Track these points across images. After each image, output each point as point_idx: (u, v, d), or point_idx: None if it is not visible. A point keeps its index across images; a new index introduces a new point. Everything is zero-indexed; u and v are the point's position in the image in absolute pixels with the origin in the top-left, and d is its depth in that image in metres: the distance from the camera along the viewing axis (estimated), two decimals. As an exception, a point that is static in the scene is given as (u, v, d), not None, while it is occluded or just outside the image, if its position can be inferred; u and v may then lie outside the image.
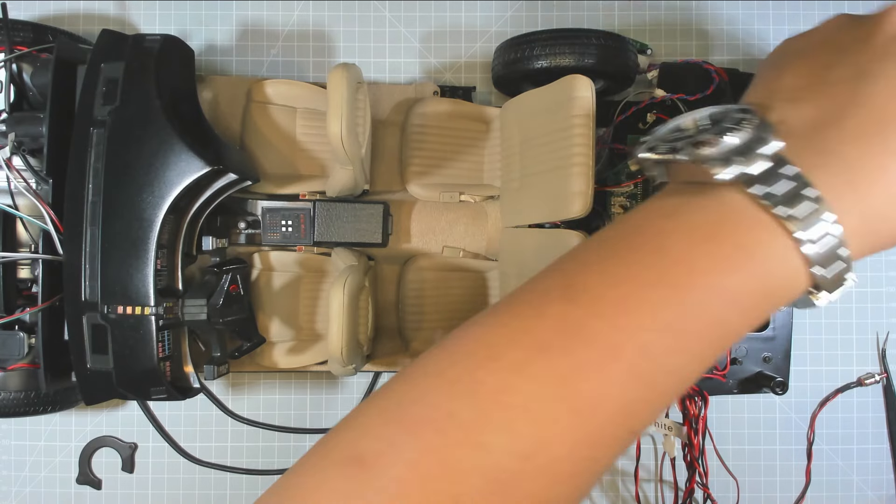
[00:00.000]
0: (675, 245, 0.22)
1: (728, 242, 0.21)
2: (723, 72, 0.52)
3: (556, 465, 0.20)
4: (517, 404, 0.20)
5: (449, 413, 0.20)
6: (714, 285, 0.21)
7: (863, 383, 0.57)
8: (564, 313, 0.21)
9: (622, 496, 0.57)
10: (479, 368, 0.21)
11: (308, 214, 0.51)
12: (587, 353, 0.20)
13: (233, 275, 0.47)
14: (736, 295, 0.21)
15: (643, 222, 0.23)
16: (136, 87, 0.44)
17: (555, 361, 0.21)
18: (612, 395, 0.20)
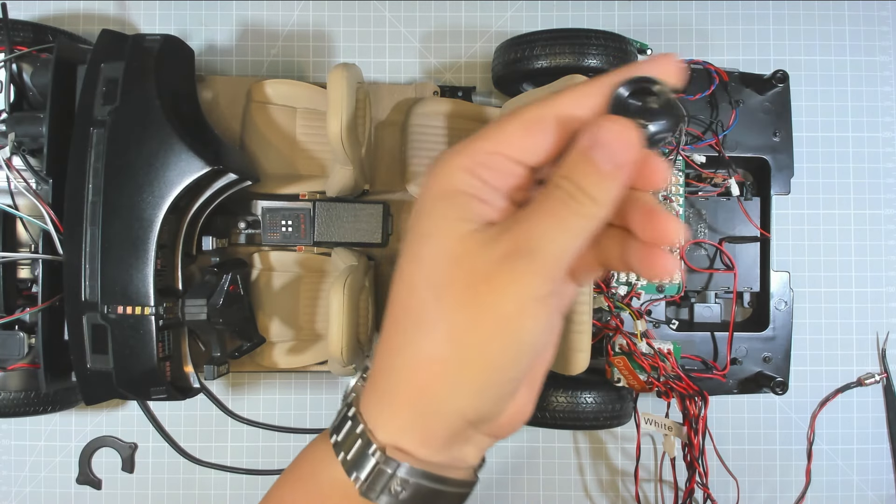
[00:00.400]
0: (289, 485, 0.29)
1: (309, 479, 0.28)
2: (723, 72, 0.52)
3: None
4: None
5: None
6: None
7: (863, 383, 0.57)
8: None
9: (622, 496, 0.57)
10: None
11: (308, 214, 0.51)
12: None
13: (233, 275, 0.47)
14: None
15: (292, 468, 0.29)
16: (136, 87, 0.44)
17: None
18: None
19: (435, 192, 0.25)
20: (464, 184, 0.24)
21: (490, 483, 0.57)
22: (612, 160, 0.23)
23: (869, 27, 0.58)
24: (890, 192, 0.58)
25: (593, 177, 0.23)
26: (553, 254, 0.23)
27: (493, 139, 0.24)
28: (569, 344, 0.42)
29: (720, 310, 0.54)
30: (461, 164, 0.24)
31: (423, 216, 0.25)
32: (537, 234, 0.23)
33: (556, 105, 0.24)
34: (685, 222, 0.54)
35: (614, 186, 0.23)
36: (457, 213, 0.24)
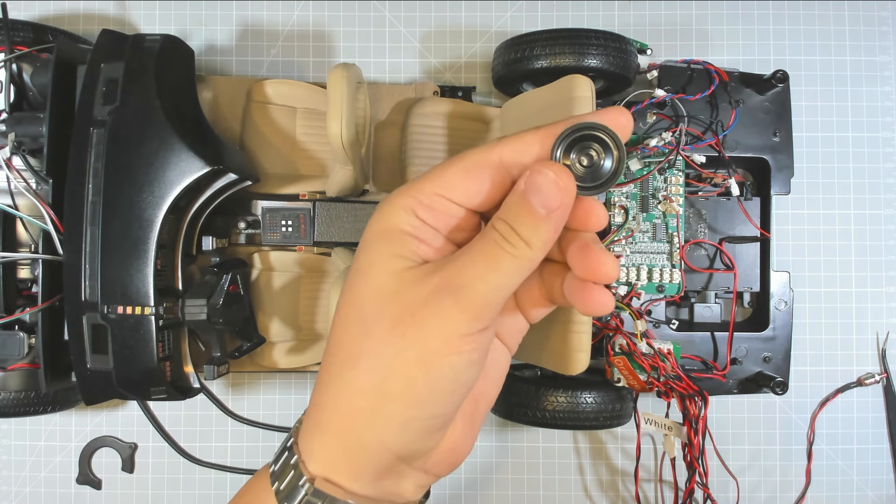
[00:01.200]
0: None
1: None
2: (723, 72, 0.52)
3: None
4: None
5: None
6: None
7: (863, 383, 0.57)
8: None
9: (622, 496, 0.57)
10: None
11: (308, 214, 0.51)
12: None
13: (233, 275, 0.47)
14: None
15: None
16: (136, 87, 0.44)
17: None
18: None
19: (376, 229, 0.26)
20: (403, 222, 0.25)
21: (490, 483, 0.57)
22: (545, 204, 0.23)
23: (869, 27, 0.58)
24: (890, 192, 0.58)
25: (527, 220, 0.23)
26: (481, 293, 0.23)
27: (436, 181, 0.25)
28: (569, 344, 0.42)
29: (720, 310, 0.54)
30: (403, 204, 0.25)
31: (361, 252, 0.26)
32: (468, 272, 0.24)
33: (499, 151, 0.25)
34: (685, 222, 0.54)
35: (548, 230, 0.24)
36: (393, 249, 0.25)
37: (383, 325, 0.24)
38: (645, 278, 0.53)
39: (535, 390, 0.49)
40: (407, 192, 0.25)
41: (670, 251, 0.53)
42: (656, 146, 0.51)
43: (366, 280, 0.25)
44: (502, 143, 0.25)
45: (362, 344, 0.25)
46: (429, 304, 0.24)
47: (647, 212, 0.53)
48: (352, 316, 0.25)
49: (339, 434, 0.25)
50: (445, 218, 0.26)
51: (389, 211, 0.26)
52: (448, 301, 0.23)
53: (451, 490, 0.57)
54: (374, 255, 0.26)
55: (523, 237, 0.23)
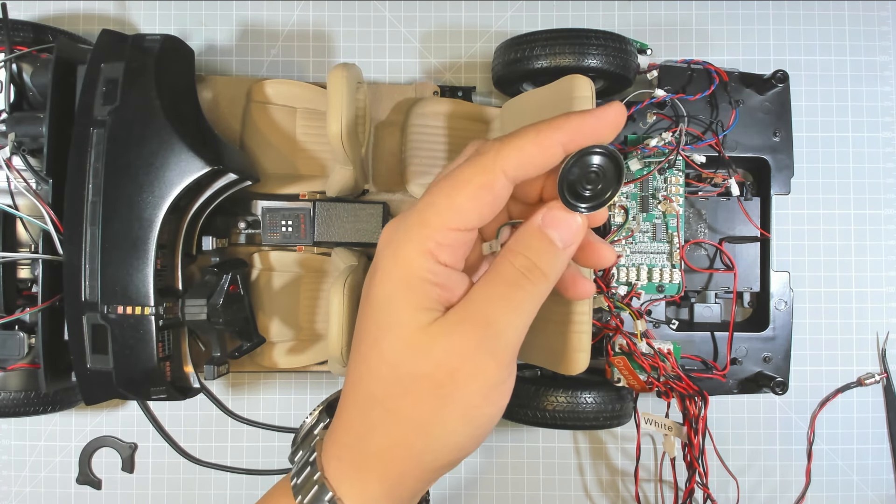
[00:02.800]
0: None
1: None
2: (723, 72, 0.52)
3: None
4: None
5: None
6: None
7: (863, 383, 0.57)
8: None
9: (622, 496, 0.57)
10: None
11: (308, 214, 0.51)
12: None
13: (233, 275, 0.47)
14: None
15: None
16: (136, 87, 0.44)
17: None
18: None
19: (395, 277, 0.26)
20: (423, 269, 0.25)
21: (490, 483, 0.57)
22: (563, 239, 0.25)
23: (869, 27, 0.58)
24: (890, 192, 0.58)
25: (549, 254, 0.25)
26: (512, 341, 0.25)
27: (447, 214, 0.25)
28: (569, 344, 0.42)
29: (720, 310, 0.54)
30: (421, 248, 0.25)
31: (386, 300, 0.26)
32: (498, 321, 0.25)
33: (501, 167, 0.25)
34: (685, 222, 0.54)
35: (564, 261, 0.25)
36: (418, 301, 0.25)
37: (424, 385, 0.25)
38: (645, 278, 0.53)
39: (535, 390, 0.49)
40: (422, 232, 0.25)
41: (670, 251, 0.53)
42: (656, 146, 0.51)
43: (393, 335, 0.26)
44: (502, 155, 0.24)
45: (402, 402, 0.25)
46: (467, 362, 0.24)
47: (647, 212, 0.53)
48: (383, 372, 0.26)
49: (381, 478, 0.27)
50: (463, 250, 0.26)
51: (408, 256, 0.25)
52: (486, 359, 0.24)
53: (451, 490, 0.57)
54: (400, 308, 0.26)
55: (543, 269, 0.25)
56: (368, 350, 0.26)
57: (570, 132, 0.24)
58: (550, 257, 0.25)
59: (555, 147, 0.24)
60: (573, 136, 0.24)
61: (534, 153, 0.24)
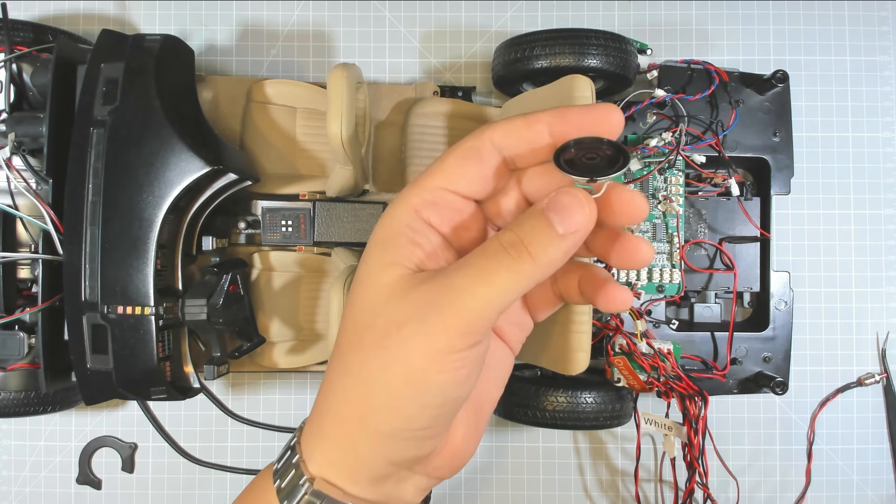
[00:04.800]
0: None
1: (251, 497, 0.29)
2: (723, 72, 0.52)
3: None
4: None
5: None
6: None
7: (863, 383, 0.57)
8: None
9: (622, 496, 0.57)
10: None
11: (308, 214, 0.51)
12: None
13: (233, 275, 0.47)
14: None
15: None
16: (136, 87, 0.44)
17: None
18: None
19: (377, 235, 0.25)
20: (403, 225, 0.25)
21: (490, 483, 0.57)
22: (566, 224, 0.22)
23: (869, 27, 0.58)
24: (890, 192, 0.58)
25: (542, 235, 0.23)
26: (471, 308, 0.22)
27: (436, 174, 0.25)
28: (569, 344, 0.42)
29: (720, 310, 0.54)
30: (407, 204, 0.25)
31: (362, 260, 0.26)
32: (458, 285, 0.23)
33: (489, 135, 0.24)
34: (685, 222, 0.54)
35: (559, 249, 0.23)
36: (389, 257, 0.25)
37: (372, 336, 0.24)
38: (645, 278, 0.53)
39: (535, 390, 0.49)
40: (411, 190, 0.25)
41: (670, 251, 0.53)
42: (656, 146, 0.51)
43: (363, 290, 0.25)
44: (492, 127, 0.25)
45: (355, 355, 0.25)
46: (414, 319, 0.23)
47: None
48: (349, 326, 0.25)
49: (336, 440, 0.26)
50: (450, 213, 0.25)
51: (392, 213, 0.25)
52: (434, 317, 0.22)
53: (451, 490, 0.57)
54: (370, 265, 0.25)
55: (531, 251, 0.22)
56: (345, 309, 0.26)
57: (557, 115, 0.24)
58: (545, 239, 0.22)
59: (540, 124, 0.24)
60: (559, 119, 0.24)
61: (520, 126, 0.24)
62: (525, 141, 0.24)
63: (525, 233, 0.23)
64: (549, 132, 0.24)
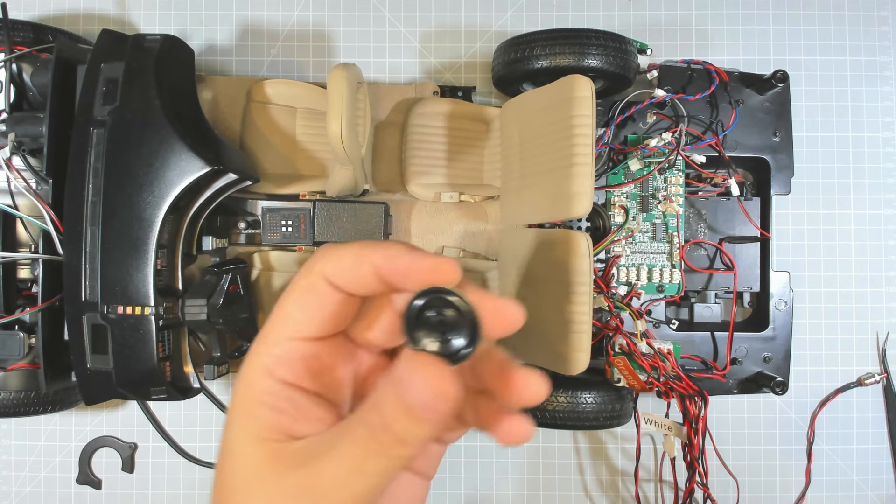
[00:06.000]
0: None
1: None
2: (723, 72, 0.52)
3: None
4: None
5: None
6: None
7: (863, 383, 0.57)
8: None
9: (622, 496, 0.57)
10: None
11: (308, 214, 0.51)
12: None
13: (233, 275, 0.47)
14: None
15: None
16: (136, 87, 0.44)
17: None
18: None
19: (236, 405, 0.23)
20: (260, 391, 0.22)
21: (490, 483, 0.57)
22: (425, 407, 0.20)
23: (869, 27, 0.58)
24: (890, 192, 0.58)
25: (403, 418, 0.20)
26: (343, 501, 0.21)
27: (279, 324, 0.23)
28: (569, 344, 0.42)
29: (720, 310, 0.54)
30: (258, 366, 0.23)
31: (226, 428, 0.23)
32: (329, 479, 0.21)
33: (319, 270, 0.22)
34: (685, 222, 0.54)
35: (426, 431, 0.20)
36: (251, 432, 0.22)
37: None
38: (645, 278, 0.53)
39: (535, 390, 0.49)
40: (259, 347, 0.23)
41: (670, 251, 0.53)
42: (656, 146, 0.51)
43: (230, 468, 0.23)
44: (321, 261, 0.23)
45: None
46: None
47: (647, 212, 0.53)
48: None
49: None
50: (305, 362, 0.23)
51: (247, 379, 0.23)
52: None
53: (451, 490, 0.57)
54: (235, 439, 0.23)
55: (399, 435, 0.20)
56: (215, 480, 0.24)
57: (385, 257, 0.22)
58: (408, 421, 0.20)
59: (366, 262, 0.22)
60: (387, 261, 0.22)
61: (348, 262, 0.22)
62: (355, 280, 0.22)
63: (387, 413, 0.20)
64: (374, 271, 0.22)
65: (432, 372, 0.20)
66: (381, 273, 0.22)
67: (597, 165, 0.52)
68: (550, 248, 0.45)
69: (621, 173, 0.53)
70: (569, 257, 0.43)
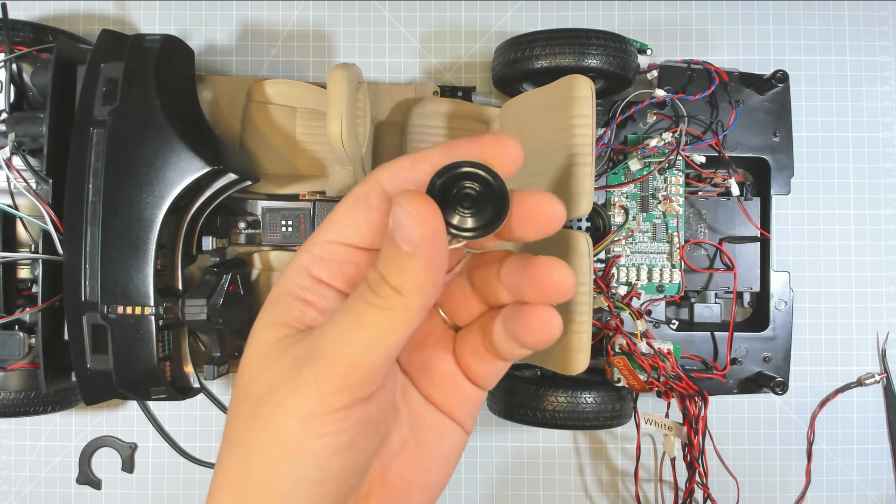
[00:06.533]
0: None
1: None
2: (723, 72, 0.52)
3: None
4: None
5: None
6: None
7: (863, 383, 0.57)
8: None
9: (622, 496, 0.57)
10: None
11: (308, 214, 0.51)
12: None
13: (233, 275, 0.47)
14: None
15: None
16: (136, 87, 0.44)
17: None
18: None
19: (270, 294, 0.23)
20: (293, 284, 0.22)
21: (490, 483, 0.57)
22: (407, 239, 0.19)
23: (869, 27, 0.58)
24: (890, 192, 0.58)
25: (394, 262, 0.20)
26: (344, 357, 0.20)
27: (326, 227, 0.23)
28: (569, 344, 0.42)
29: (720, 310, 0.54)
30: (297, 263, 0.23)
31: (257, 317, 0.23)
32: (330, 336, 0.20)
33: (377, 177, 0.22)
34: (685, 222, 0.54)
35: (416, 270, 0.19)
36: (272, 317, 0.22)
37: (248, 405, 0.21)
38: (645, 278, 0.53)
39: (535, 390, 0.49)
40: (302, 247, 0.23)
41: (670, 251, 0.53)
42: (656, 146, 0.51)
43: (246, 353, 0.23)
44: (380, 169, 0.23)
45: (233, 426, 0.22)
46: (286, 379, 0.20)
47: (647, 212, 0.53)
48: (233, 392, 0.23)
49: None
50: (343, 266, 0.23)
51: (284, 274, 0.23)
52: (304, 373, 0.20)
53: (451, 490, 0.57)
54: (256, 326, 0.23)
55: (392, 283, 0.20)
56: (237, 374, 0.24)
57: (443, 150, 0.22)
58: (398, 266, 0.19)
59: (425, 160, 0.22)
60: (446, 152, 0.22)
61: (406, 164, 0.22)
62: (413, 183, 0.22)
63: (382, 264, 0.20)
64: (433, 165, 0.21)
65: (409, 199, 0.19)
66: (438, 162, 0.21)
67: (597, 165, 0.52)
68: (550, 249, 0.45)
69: (621, 173, 0.53)
70: (569, 257, 0.43)
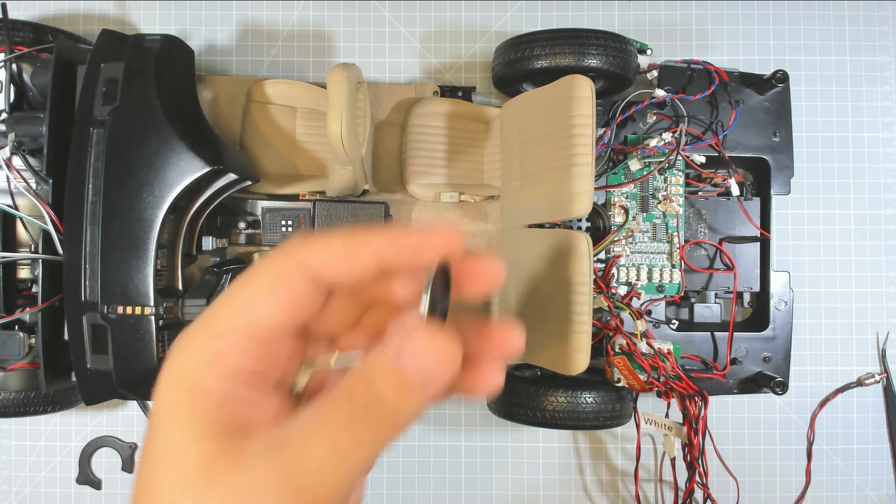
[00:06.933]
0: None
1: None
2: (723, 72, 0.52)
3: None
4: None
5: None
6: None
7: (863, 383, 0.57)
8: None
9: (622, 496, 0.57)
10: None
11: (308, 214, 0.51)
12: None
13: (233, 275, 0.47)
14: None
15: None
16: (136, 87, 0.44)
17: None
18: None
19: (172, 394, 0.20)
20: (207, 381, 0.20)
21: (490, 483, 0.57)
22: (426, 374, 0.18)
23: (869, 27, 0.58)
24: (890, 192, 0.58)
25: (401, 388, 0.19)
26: (330, 488, 0.18)
27: (236, 309, 0.20)
28: (569, 344, 0.42)
29: (720, 310, 0.54)
30: (205, 353, 0.20)
31: (159, 427, 0.20)
32: (312, 464, 0.18)
33: (304, 256, 0.20)
34: (685, 222, 0.54)
35: (423, 402, 0.19)
36: (199, 425, 0.20)
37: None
38: (645, 278, 0.53)
39: (535, 390, 0.49)
40: (206, 332, 0.20)
41: (670, 251, 0.53)
42: (656, 146, 0.51)
43: (174, 468, 0.19)
44: (307, 248, 0.20)
45: None
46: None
47: (647, 212, 0.53)
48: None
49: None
50: (262, 357, 0.21)
51: (188, 365, 0.20)
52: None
53: (451, 490, 0.57)
54: (178, 435, 0.20)
55: (393, 407, 0.19)
56: (145, 490, 0.20)
57: (388, 241, 0.20)
58: (405, 392, 0.19)
59: (363, 248, 0.20)
60: (392, 244, 0.20)
61: (340, 251, 0.20)
62: (348, 271, 0.20)
63: (381, 384, 0.19)
64: (376, 262, 0.20)
65: (442, 341, 0.18)
66: (383, 258, 0.20)
67: (597, 165, 0.52)
68: (550, 248, 0.45)
69: (621, 173, 0.53)
70: (569, 257, 0.43)
